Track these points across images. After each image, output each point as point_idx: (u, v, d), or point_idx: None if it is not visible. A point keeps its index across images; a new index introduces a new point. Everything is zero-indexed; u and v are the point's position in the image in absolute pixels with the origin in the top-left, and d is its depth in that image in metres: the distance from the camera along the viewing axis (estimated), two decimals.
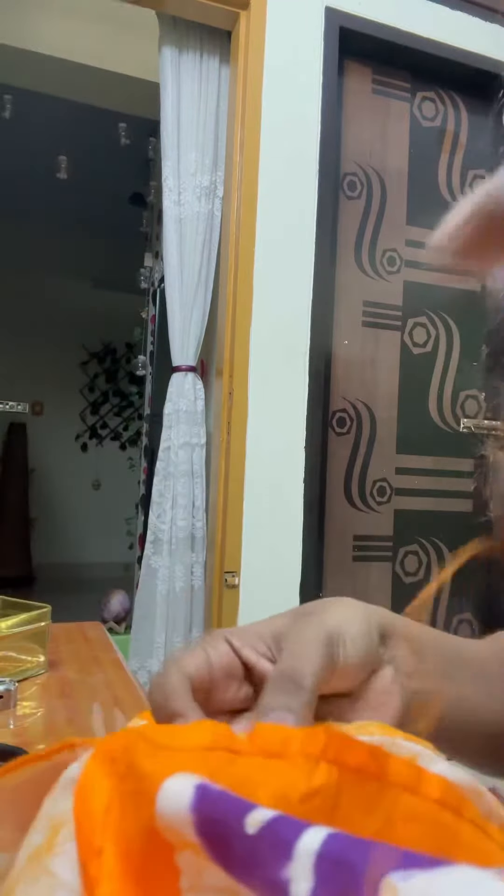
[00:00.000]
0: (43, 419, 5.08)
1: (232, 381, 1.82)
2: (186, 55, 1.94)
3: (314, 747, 0.20)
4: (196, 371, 1.95)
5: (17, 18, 2.33)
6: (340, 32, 1.93)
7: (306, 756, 0.20)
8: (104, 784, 0.19)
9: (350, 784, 0.19)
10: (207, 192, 1.93)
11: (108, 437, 5.39)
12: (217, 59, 1.97)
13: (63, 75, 2.50)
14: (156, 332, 3.09)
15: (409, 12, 2.00)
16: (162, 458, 1.94)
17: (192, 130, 1.93)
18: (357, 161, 2.01)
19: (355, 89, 2.02)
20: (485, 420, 2.11)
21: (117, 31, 2.43)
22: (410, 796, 0.19)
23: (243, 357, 1.82)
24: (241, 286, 1.83)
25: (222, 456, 1.83)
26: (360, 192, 2.02)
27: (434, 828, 0.19)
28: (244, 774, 0.19)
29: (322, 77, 1.91)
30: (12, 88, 2.91)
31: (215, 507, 1.85)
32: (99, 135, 3.40)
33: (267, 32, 1.87)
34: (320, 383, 1.88)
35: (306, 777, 0.19)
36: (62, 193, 4.12)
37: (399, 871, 0.14)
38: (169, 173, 1.92)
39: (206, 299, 1.94)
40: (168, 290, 1.95)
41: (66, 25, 2.40)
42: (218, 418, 1.88)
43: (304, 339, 1.87)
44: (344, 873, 0.14)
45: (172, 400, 1.93)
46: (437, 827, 0.19)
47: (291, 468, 1.85)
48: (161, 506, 1.92)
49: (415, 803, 0.19)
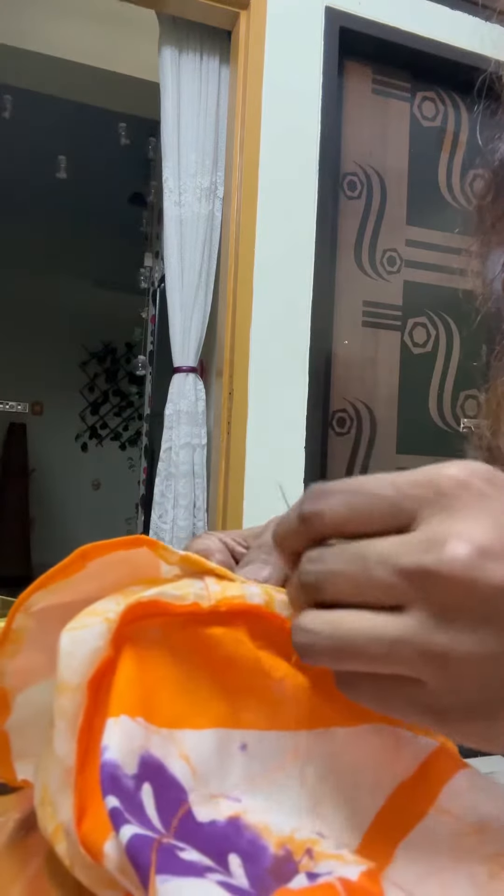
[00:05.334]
0: (43, 419, 5.08)
1: (232, 381, 1.82)
2: (186, 55, 1.94)
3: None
4: (197, 372, 1.95)
5: (17, 18, 2.33)
6: (340, 32, 1.93)
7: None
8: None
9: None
10: (208, 192, 1.93)
11: (108, 437, 5.39)
12: (217, 59, 1.97)
13: (63, 75, 2.50)
14: (156, 332, 3.10)
15: (409, 12, 2.00)
16: (163, 458, 1.94)
17: (192, 131, 1.92)
18: (357, 161, 2.01)
19: (355, 89, 2.02)
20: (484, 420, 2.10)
21: (117, 31, 2.43)
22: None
23: (243, 357, 1.82)
24: (241, 286, 1.83)
25: (222, 456, 1.83)
26: (360, 192, 2.02)
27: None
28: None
29: (322, 77, 1.91)
30: (12, 88, 2.91)
31: (215, 508, 1.85)
32: (99, 135, 3.40)
33: (267, 32, 1.87)
34: (320, 383, 1.88)
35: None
36: (62, 193, 4.12)
37: (163, 874, 0.18)
38: (169, 174, 1.92)
39: (207, 300, 1.94)
40: (169, 290, 1.95)
41: (66, 25, 2.40)
42: (218, 418, 1.88)
43: (304, 339, 1.87)
44: (139, 870, 0.19)
45: (173, 400, 1.93)
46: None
47: (291, 468, 1.85)
48: (163, 506, 1.92)
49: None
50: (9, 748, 0.28)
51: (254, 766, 0.25)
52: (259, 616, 0.25)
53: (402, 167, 2.06)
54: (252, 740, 0.25)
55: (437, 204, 2.09)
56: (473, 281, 0.53)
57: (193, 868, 0.19)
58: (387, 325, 2.02)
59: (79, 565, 0.25)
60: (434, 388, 2.07)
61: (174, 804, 0.22)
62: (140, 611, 0.24)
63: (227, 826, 0.23)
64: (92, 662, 0.23)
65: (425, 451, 2.05)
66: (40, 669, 0.27)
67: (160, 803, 0.22)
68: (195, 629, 0.25)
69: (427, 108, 2.10)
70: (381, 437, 2.00)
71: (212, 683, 0.25)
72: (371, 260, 2.01)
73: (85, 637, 0.24)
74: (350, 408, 1.97)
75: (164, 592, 0.25)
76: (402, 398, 2.03)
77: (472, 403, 2.11)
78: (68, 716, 0.23)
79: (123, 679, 0.23)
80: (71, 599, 0.26)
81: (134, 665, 0.24)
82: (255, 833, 0.23)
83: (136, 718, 0.23)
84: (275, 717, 0.25)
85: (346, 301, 1.98)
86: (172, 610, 0.25)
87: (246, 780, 0.24)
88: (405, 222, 2.06)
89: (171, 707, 0.24)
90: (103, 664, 0.24)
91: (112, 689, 0.23)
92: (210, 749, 0.24)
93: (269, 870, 0.22)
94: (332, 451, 1.95)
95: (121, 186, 3.96)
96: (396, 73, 2.06)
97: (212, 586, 0.26)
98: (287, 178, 1.88)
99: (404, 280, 2.04)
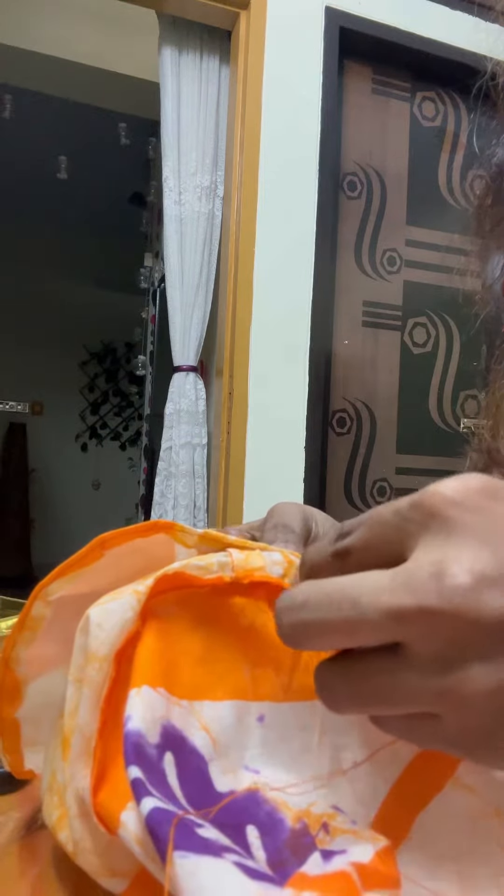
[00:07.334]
0: (43, 419, 5.08)
1: (232, 381, 1.82)
2: (186, 55, 1.94)
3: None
4: (197, 371, 1.95)
5: (17, 18, 2.33)
6: (340, 32, 1.93)
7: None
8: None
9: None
10: (208, 192, 1.93)
11: (108, 437, 5.39)
12: (217, 59, 1.97)
13: (63, 75, 2.50)
14: (156, 332, 3.10)
15: (409, 12, 2.00)
16: (163, 458, 1.94)
17: (192, 130, 1.92)
18: (357, 161, 2.01)
19: (355, 89, 2.02)
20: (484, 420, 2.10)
21: (117, 31, 2.43)
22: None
23: (243, 357, 1.82)
24: (241, 286, 1.83)
25: (222, 456, 1.83)
26: (360, 192, 2.02)
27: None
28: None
29: (322, 77, 1.91)
30: (12, 88, 2.91)
31: (215, 507, 1.85)
32: (99, 135, 3.40)
33: (267, 32, 1.87)
34: (320, 383, 1.88)
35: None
36: (62, 193, 4.12)
37: (181, 850, 0.18)
38: (169, 173, 1.92)
39: (207, 299, 1.94)
40: (169, 290, 1.95)
41: (66, 25, 2.40)
42: (218, 418, 1.88)
43: (304, 339, 1.87)
44: (157, 842, 0.19)
45: (174, 400, 1.93)
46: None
47: (291, 468, 1.85)
48: (162, 506, 1.93)
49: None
50: (19, 736, 0.28)
51: (271, 737, 0.25)
52: (279, 588, 0.26)
53: (402, 167, 2.06)
54: (269, 712, 0.25)
55: (437, 204, 2.09)
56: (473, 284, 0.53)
57: (211, 847, 0.19)
58: (387, 325, 2.02)
59: (97, 553, 0.26)
60: (434, 389, 2.08)
61: (195, 774, 0.23)
62: (166, 584, 0.25)
63: (247, 798, 0.23)
64: (120, 634, 0.24)
65: (425, 451, 2.05)
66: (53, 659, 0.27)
67: (181, 772, 0.22)
68: (218, 599, 0.26)
69: (427, 108, 2.10)
70: (381, 437, 2.00)
71: (231, 654, 0.26)
72: (371, 260, 2.01)
73: (114, 608, 0.24)
74: (350, 408, 1.97)
75: (189, 564, 0.25)
76: (402, 398, 2.03)
77: (472, 404, 2.11)
78: (94, 685, 0.23)
79: (146, 651, 0.24)
80: (87, 591, 0.26)
81: (156, 637, 0.24)
82: (273, 805, 0.23)
83: (157, 689, 0.23)
84: (291, 688, 0.26)
85: (346, 301, 1.98)
86: (196, 582, 0.25)
87: (264, 752, 0.25)
88: (405, 222, 2.06)
89: (192, 679, 0.25)
90: (130, 635, 0.24)
91: (134, 661, 0.23)
92: (229, 720, 0.25)
93: (286, 842, 0.22)
94: (332, 451, 1.95)
95: (121, 186, 3.95)
96: (396, 73, 2.06)
97: (235, 554, 0.26)
98: (287, 177, 1.88)
99: (404, 280, 2.05)
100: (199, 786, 0.23)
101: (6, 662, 0.27)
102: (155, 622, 0.24)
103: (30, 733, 0.28)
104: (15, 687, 0.27)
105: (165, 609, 0.25)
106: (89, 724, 0.23)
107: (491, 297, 0.52)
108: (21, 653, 0.27)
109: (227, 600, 0.26)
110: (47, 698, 0.27)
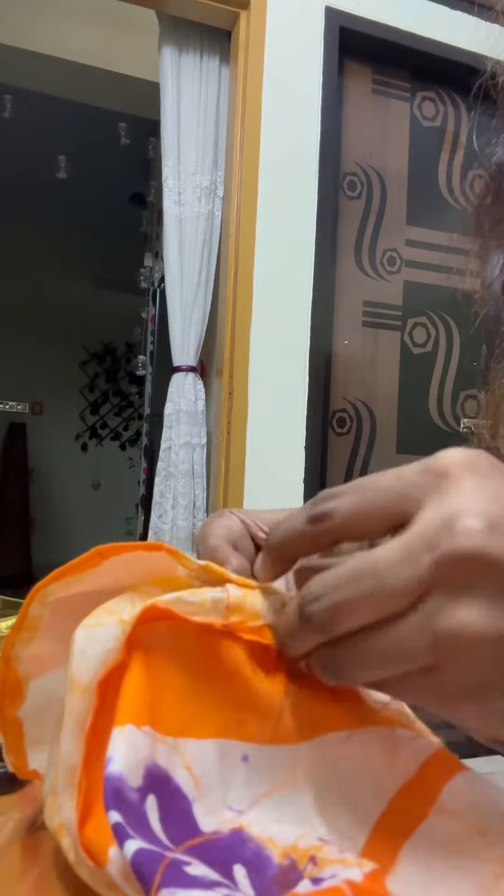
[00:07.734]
0: (43, 419, 5.08)
1: (232, 381, 1.82)
2: (186, 55, 1.94)
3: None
4: (196, 371, 1.95)
5: (17, 18, 2.33)
6: (340, 32, 1.93)
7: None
8: None
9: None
10: (207, 192, 1.93)
11: (108, 437, 5.39)
12: (217, 59, 1.97)
13: (63, 75, 2.50)
14: (156, 332, 3.10)
15: (409, 12, 2.00)
16: (163, 458, 1.94)
17: (192, 130, 1.93)
18: (357, 161, 2.01)
19: (355, 89, 2.02)
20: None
21: (117, 31, 2.43)
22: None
23: (243, 357, 1.82)
24: (241, 286, 1.83)
25: (222, 456, 1.83)
26: (360, 192, 2.02)
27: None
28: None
29: (322, 77, 1.91)
30: (12, 88, 2.91)
31: (215, 508, 1.85)
32: (99, 135, 3.40)
33: (267, 32, 1.87)
34: (320, 383, 1.88)
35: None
36: (62, 193, 4.12)
37: (169, 888, 0.19)
38: (169, 173, 1.92)
39: (207, 299, 1.94)
40: (168, 290, 1.95)
41: (66, 25, 2.40)
42: (218, 418, 1.88)
43: (304, 339, 1.87)
44: (143, 883, 0.19)
45: (173, 400, 1.93)
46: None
47: (291, 468, 1.85)
48: (162, 506, 1.93)
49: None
50: (22, 736, 0.28)
51: (255, 777, 0.25)
52: (269, 648, 0.26)
53: (402, 167, 2.06)
54: (253, 752, 0.25)
55: (437, 204, 2.09)
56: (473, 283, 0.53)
57: (200, 882, 0.19)
58: (387, 325, 2.02)
59: (95, 562, 0.26)
60: (434, 388, 2.08)
61: (179, 814, 0.22)
62: (154, 614, 0.24)
63: (231, 837, 0.23)
64: (103, 663, 0.24)
65: (425, 451, 2.01)
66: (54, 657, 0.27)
67: (164, 814, 0.22)
68: (206, 637, 0.25)
69: (427, 108, 2.10)
70: (381, 437, 2.00)
71: (217, 693, 0.25)
72: (371, 260, 2.01)
73: (99, 636, 0.24)
74: (350, 408, 1.97)
75: (181, 599, 0.25)
76: (402, 398, 2.03)
77: (472, 403, 2.11)
78: (76, 714, 0.23)
79: (132, 685, 0.23)
80: (87, 590, 0.26)
81: (142, 670, 0.24)
82: (258, 843, 0.23)
83: (142, 727, 0.23)
84: (276, 732, 0.25)
85: (346, 301, 1.98)
86: (185, 621, 0.25)
87: (248, 792, 0.24)
88: (405, 222, 2.06)
89: (176, 715, 0.24)
90: (114, 666, 0.24)
91: (120, 696, 0.23)
92: (212, 759, 0.24)
93: (274, 878, 0.22)
94: (332, 451, 1.95)
95: (121, 186, 3.96)
96: (396, 73, 2.06)
97: (232, 591, 0.26)
98: (287, 177, 1.88)
99: (404, 280, 2.05)
100: (183, 826, 0.22)
101: (6, 661, 0.27)
102: (141, 653, 0.24)
103: (33, 732, 0.28)
104: (16, 685, 0.27)
105: (153, 640, 0.25)
106: (72, 755, 0.23)
107: (490, 296, 0.52)
108: (20, 651, 0.27)
109: (215, 639, 0.25)
110: (50, 696, 0.27)
